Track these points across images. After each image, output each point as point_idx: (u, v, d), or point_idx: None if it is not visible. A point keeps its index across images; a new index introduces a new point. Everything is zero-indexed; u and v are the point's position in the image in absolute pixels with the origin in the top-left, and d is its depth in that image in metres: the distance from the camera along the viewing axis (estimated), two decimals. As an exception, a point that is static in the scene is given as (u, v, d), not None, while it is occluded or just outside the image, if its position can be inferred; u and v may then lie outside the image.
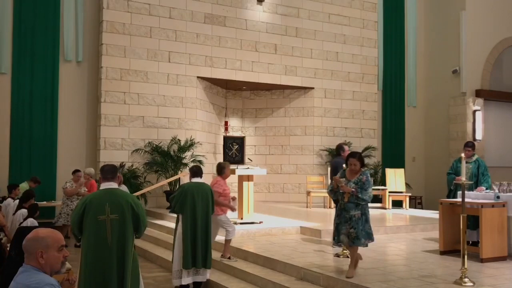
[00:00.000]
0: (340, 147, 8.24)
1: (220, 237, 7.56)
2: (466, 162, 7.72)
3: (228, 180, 14.44)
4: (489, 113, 16.47)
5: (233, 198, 7.55)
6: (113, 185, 4.51)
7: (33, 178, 10.68)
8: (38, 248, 2.61)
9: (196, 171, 6.73)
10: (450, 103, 16.46)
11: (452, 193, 7.81)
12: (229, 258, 7.30)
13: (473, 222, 7.00)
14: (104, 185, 4.50)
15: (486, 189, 7.50)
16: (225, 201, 7.27)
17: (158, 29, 12.68)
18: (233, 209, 7.45)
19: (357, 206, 5.69)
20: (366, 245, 5.84)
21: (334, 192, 5.89)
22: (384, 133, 16.38)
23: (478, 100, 16.15)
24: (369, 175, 5.85)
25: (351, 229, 5.64)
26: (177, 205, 6.45)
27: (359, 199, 5.64)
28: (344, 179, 5.77)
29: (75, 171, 10.39)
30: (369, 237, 5.78)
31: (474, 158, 7.84)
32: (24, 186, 10.31)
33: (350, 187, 5.66)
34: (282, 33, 14.34)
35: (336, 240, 5.88)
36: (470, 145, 7.94)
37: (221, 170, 7.51)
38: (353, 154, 5.87)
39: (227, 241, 7.33)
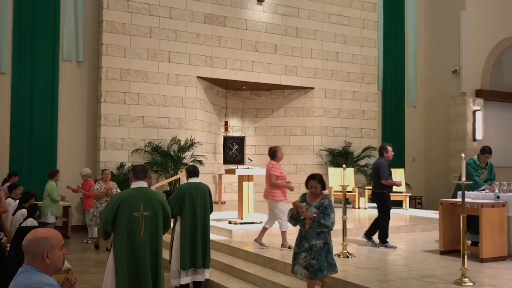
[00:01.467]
0: (383, 148, 8.07)
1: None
2: (482, 168, 7.80)
3: (228, 180, 14.53)
4: (489, 113, 16.47)
5: (288, 182, 7.74)
6: (144, 184, 4.74)
7: (51, 174, 10.62)
8: (44, 249, 2.62)
9: (193, 171, 6.71)
10: (450, 103, 16.46)
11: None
12: (289, 247, 7.28)
13: (475, 225, 6.91)
14: (136, 184, 4.72)
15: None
16: (283, 182, 7.47)
17: (158, 29, 12.68)
18: (291, 189, 7.65)
19: (319, 234, 5.04)
20: (336, 272, 5.22)
21: (295, 219, 5.17)
22: (384, 133, 16.38)
23: (478, 100, 16.16)
24: (331, 199, 5.28)
25: (313, 260, 4.99)
26: (175, 207, 6.41)
27: (322, 226, 5.02)
28: (305, 203, 5.15)
29: (103, 171, 10.39)
30: (332, 268, 5.12)
31: (489, 163, 7.88)
32: (52, 185, 10.31)
33: (312, 212, 5.06)
34: (282, 33, 14.34)
35: (294, 271, 5.16)
36: (489, 151, 7.78)
37: (274, 154, 7.65)
38: (313, 176, 5.28)
39: (283, 232, 7.44)
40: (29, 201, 8.05)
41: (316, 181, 5.21)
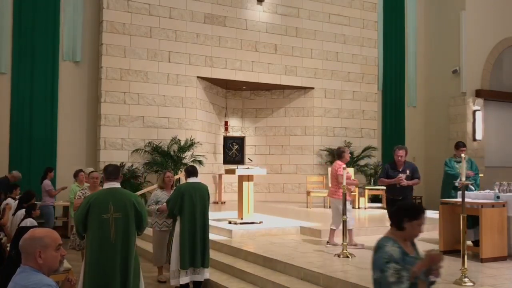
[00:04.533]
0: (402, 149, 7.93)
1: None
2: (459, 162, 7.82)
3: (228, 180, 14.53)
4: (489, 113, 16.46)
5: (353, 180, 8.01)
6: (116, 184, 4.69)
7: (75, 173, 9.60)
8: (36, 248, 2.61)
9: (191, 171, 6.73)
10: (450, 103, 16.46)
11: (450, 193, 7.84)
12: (355, 245, 7.50)
13: (471, 220, 6.98)
14: (108, 185, 4.68)
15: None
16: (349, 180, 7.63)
17: (158, 29, 12.68)
18: (357, 184, 7.72)
19: None
20: None
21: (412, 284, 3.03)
22: (384, 133, 16.37)
23: (478, 100, 16.15)
24: None
25: None
26: (175, 207, 6.42)
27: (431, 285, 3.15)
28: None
29: (90, 173, 8.27)
30: None
31: (467, 157, 7.91)
32: (74, 188, 9.84)
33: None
34: (282, 33, 14.33)
35: None
36: (463, 145, 8.01)
37: (341, 155, 7.89)
38: (420, 208, 3.36)
39: (333, 230, 7.64)
40: (29, 201, 8.03)
41: (424, 213, 3.35)
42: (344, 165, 7.65)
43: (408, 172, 7.26)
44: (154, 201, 7.23)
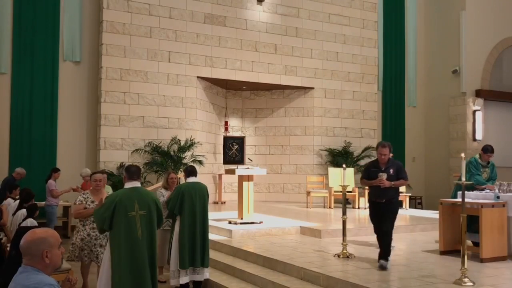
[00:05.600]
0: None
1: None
2: (484, 167, 7.87)
3: (228, 180, 14.52)
4: (489, 113, 16.47)
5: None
6: (138, 184, 4.97)
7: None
8: (44, 249, 2.64)
9: (191, 171, 6.75)
10: (450, 103, 16.46)
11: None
12: None
13: (475, 224, 6.89)
14: (130, 184, 4.94)
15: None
16: None
17: (158, 29, 12.68)
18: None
19: None
20: None
21: None
22: (384, 133, 16.37)
23: (478, 100, 16.16)
24: None
25: None
26: (175, 207, 6.42)
27: None
28: None
29: (91, 175, 6.93)
30: None
31: (491, 162, 7.95)
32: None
33: None
34: (282, 33, 14.34)
35: None
36: (491, 150, 7.86)
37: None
38: None
39: None
40: (29, 201, 8.03)
41: None
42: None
43: (391, 171, 6.48)
44: (161, 195, 7.26)
